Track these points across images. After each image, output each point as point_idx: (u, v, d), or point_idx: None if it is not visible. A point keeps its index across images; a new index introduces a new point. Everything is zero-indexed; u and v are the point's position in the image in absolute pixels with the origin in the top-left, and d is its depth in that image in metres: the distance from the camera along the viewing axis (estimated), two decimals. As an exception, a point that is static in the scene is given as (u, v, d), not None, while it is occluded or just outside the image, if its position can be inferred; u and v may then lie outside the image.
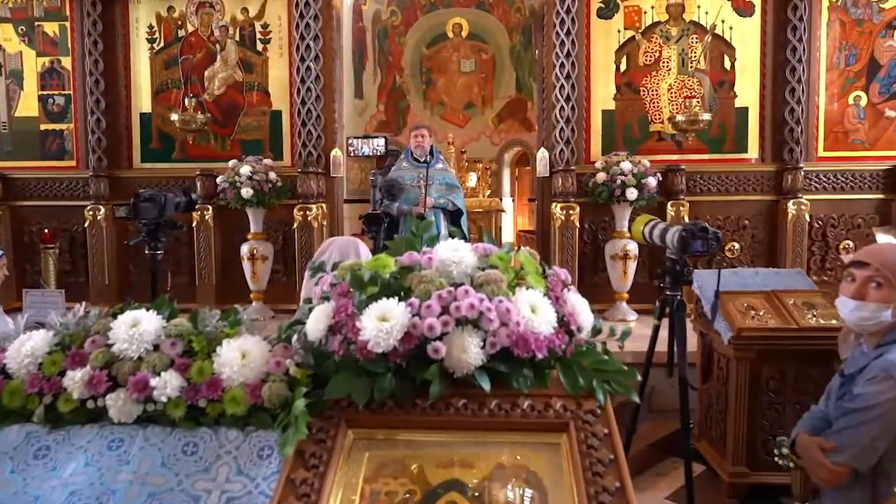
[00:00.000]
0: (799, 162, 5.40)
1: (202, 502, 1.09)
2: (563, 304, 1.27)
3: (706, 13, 5.53)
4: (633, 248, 5.24)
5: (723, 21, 5.52)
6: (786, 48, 5.39)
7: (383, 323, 1.11)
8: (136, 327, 1.21)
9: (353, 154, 4.10)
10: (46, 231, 5.15)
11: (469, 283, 1.24)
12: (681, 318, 2.38)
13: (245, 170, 5.29)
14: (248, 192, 5.24)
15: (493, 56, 12.27)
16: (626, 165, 5.11)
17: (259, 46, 5.82)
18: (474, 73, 12.34)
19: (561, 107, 5.43)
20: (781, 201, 5.48)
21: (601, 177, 5.19)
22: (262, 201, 5.36)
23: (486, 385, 1.12)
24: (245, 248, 5.52)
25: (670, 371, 2.38)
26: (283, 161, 5.81)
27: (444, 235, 5.01)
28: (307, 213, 5.56)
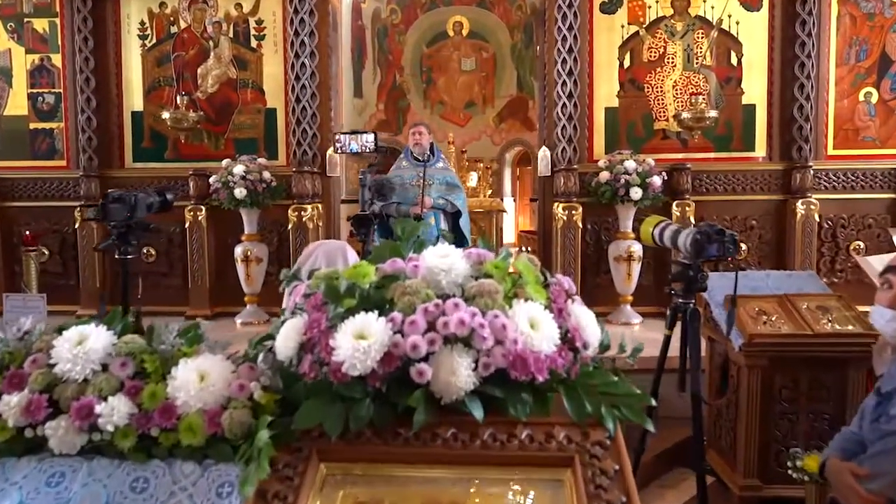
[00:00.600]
0: (808, 160, 5.26)
1: (151, 549, 0.95)
2: (567, 318, 1.12)
3: (712, 7, 5.40)
4: (637, 249, 5.12)
5: (729, 15, 5.39)
6: (794, 43, 5.25)
7: (360, 341, 0.97)
8: (81, 345, 1.07)
9: (339, 151, 3.94)
10: (28, 233, 4.98)
11: (460, 294, 1.10)
12: (694, 329, 2.18)
13: (238, 169, 5.16)
14: (241, 192, 5.11)
15: (494, 54, 12.17)
16: (629, 164, 5.01)
17: (253, 43, 5.69)
18: (475, 72, 12.24)
19: (563, 104, 5.30)
20: (790, 201, 5.34)
21: (604, 176, 5.08)
22: (255, 202, 5.23)
23: (479, 413, 0.97)
24: (239, 250, 5.39)
25: (682, 385, 2.21)
26: (279, 160, 5.68)
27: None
28: (302, 213, 5.42)
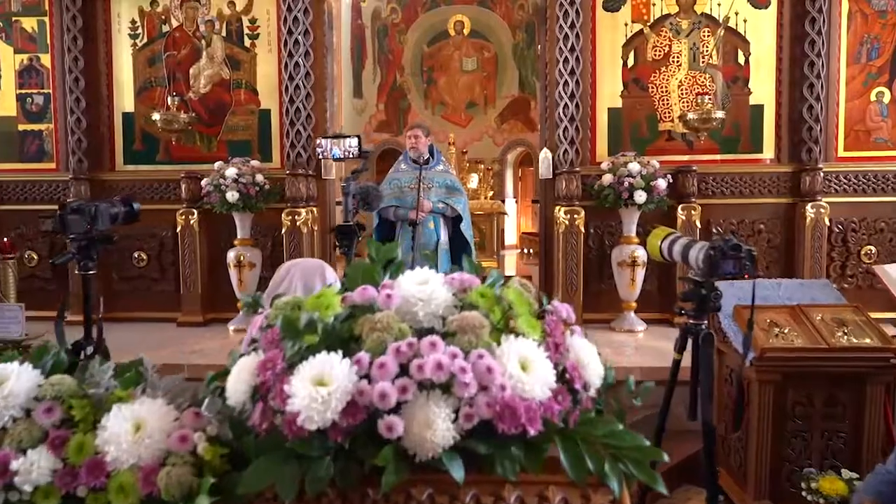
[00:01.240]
0: (818, 162, 5.10)
1: None
2: (565, 353, 0.97)
3: (719, 5, 5.24)
4: (641, 254, 4.97)
5: (736, 13, 5.23)
6: (804, 42, 5.08)
7: (319, 388, 0.82)
8: (0, 387, 0.92)
9: (321, 156, 3.79)
10: (6, 240, 4.85)
11: (441, 327, 0.95)
12: (707, 355, 1.98)
13: (230, 172, 5.02)
14: (233, 195, 4.97)
15: (496, 54, 12.05)
16: (633, 167, 4.86)
17: (247, 42, 5.54)
18: (476, 72, 12.13)
19: (565, 105, 5.15)
20: (799, 204, 5.18)
21: (607, 179, 4.93)
22: (248, 205, 5.09)
23: (459, 474, 0.82)
24: (231, 255, 5.25)
25: (693, 413, 2.04)
26: (273, 162, 5.53)
27: (444, 243, 4.72)
28: (296, 217, 5.27)
